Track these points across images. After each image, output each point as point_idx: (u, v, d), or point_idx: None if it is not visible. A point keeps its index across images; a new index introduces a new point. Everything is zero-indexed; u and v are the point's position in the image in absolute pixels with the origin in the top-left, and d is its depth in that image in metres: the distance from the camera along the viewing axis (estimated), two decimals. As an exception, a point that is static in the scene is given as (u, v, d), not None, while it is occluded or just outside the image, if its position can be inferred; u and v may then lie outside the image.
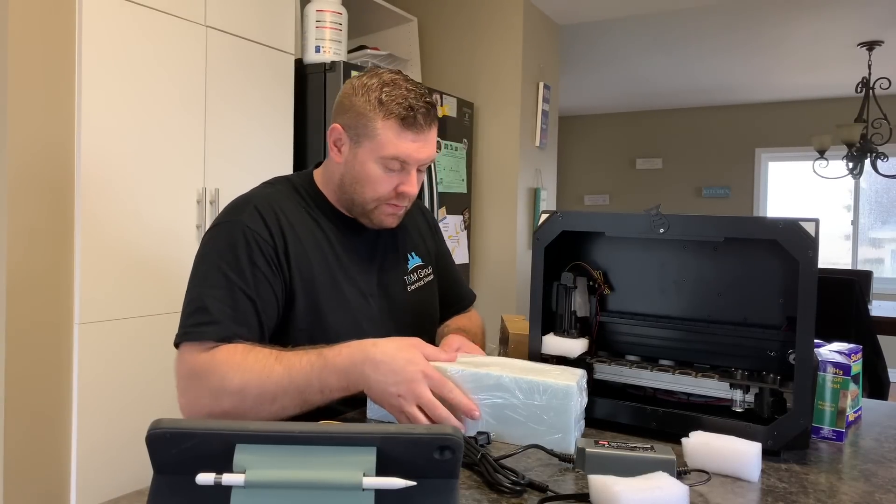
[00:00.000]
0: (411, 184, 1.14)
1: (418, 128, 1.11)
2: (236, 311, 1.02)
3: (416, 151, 1.12)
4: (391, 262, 1.26)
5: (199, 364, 0.98)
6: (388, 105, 1.09)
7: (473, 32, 3.56)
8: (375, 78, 1.12)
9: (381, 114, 1.09)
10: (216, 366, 0.97)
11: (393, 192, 1.14)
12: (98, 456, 1.88)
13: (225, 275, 1.04)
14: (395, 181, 1.13)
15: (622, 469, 0.79)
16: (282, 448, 0.56)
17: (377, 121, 1.09)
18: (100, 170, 1.87)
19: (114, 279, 1.91)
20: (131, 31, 1.95)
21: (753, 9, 3.67)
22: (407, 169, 1.13)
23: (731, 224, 1.00)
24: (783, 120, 6.08)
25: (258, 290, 1.05)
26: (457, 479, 0.58)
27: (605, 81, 5.49)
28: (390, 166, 1.12)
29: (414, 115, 1.09)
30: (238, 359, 0.97)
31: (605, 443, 0.85)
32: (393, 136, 1.10)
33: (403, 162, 1.12)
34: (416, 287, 1.28)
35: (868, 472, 0.91)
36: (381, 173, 1.12)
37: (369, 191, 1.14)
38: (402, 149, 1.10)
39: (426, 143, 1.13)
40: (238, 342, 1.00)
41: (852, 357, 1.06)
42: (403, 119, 1.09)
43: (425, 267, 1.32)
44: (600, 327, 1.17)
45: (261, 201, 1.13)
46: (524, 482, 0.80)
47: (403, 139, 1.10)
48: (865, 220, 5.96)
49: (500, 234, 3.53)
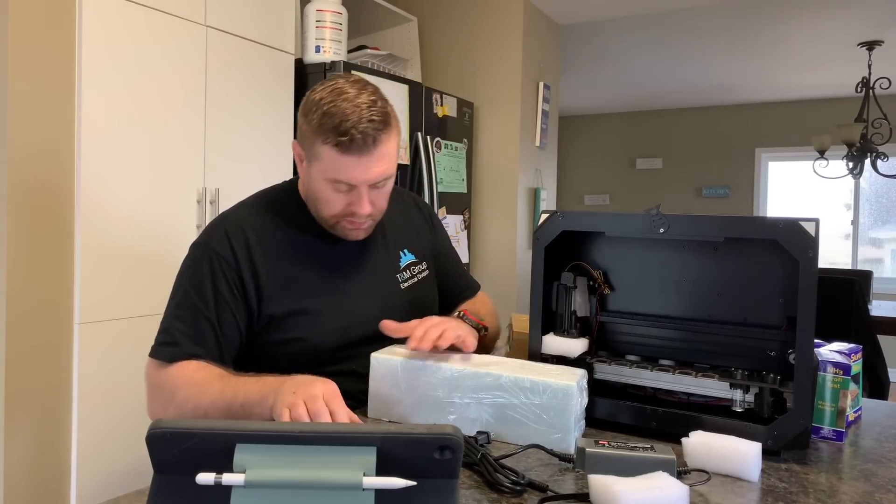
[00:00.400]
0: (361, 205, 1.11)
1: (359, 150, 1.06)
2: (196, 333, 1.10)
3: (361, 174, 1.08)
4: (382, 262, 1.26)
5: (156, 378, 1.10)
6: (325, 128, 1.06)
7: (473, 32, 3.56)
8: (322, 92, 1.09)
9: (321, 137, 1.07)
10: (168, 381, 1.08)
11: (346, 211, 1.13)
12: (98, 456, 1.88)
13: (189, 297, 1.12)
14: (345, 201, 1.12)
15: (622, 469, 0.79)
16: (282, 448, 0.56)
17: (318, 144, 1.08)
18: (100, 169, 1.87)
19: (114, 279, 1.91)
20: (131, 31, 1.95)
21: (753, 8, 3.67)
22: (356, 190, 1.10)
23: (731, 224, 1.00)
24: (783, 120, 6.08)
25: (218, 313, 1.11)
26: (457, 478, 0.58)
27: (605, 81, 5.48)
28: (338, 188, 1.10)
29: (350, 139, 1.04)
30: (186, 375, 1.07)
31: (605, 443, 0.85)
32: (333, 161, 1.07)
33: (349, 184, 1.09)
34: (410, 284, 1.28)
35: (868, 471, 0.91)
36: (331, 193, 1.11)
37: (324, 209, 1.14)
38: (343, 173, 1.07)
39: (372, 163, 1.08)
40: (194, 360, 1.08)
41: (852, 357, 1.06)
42: (338, 144, 1.05)
43: (419, 263, 1.32)
44: (600, 327, 1.17)
45: (232, 224, 1.17)
46: (524, 482, 0.80)
47: (344, 164, 1.07)
48: (865, 220, 5.96)
49: (500, 234, 3.53)
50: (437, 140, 3.11)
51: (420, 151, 2.94)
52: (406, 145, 2.88)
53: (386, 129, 1.08)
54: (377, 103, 1.08)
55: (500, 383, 0.98)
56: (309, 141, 1.09)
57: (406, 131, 2.88)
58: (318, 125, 1.06)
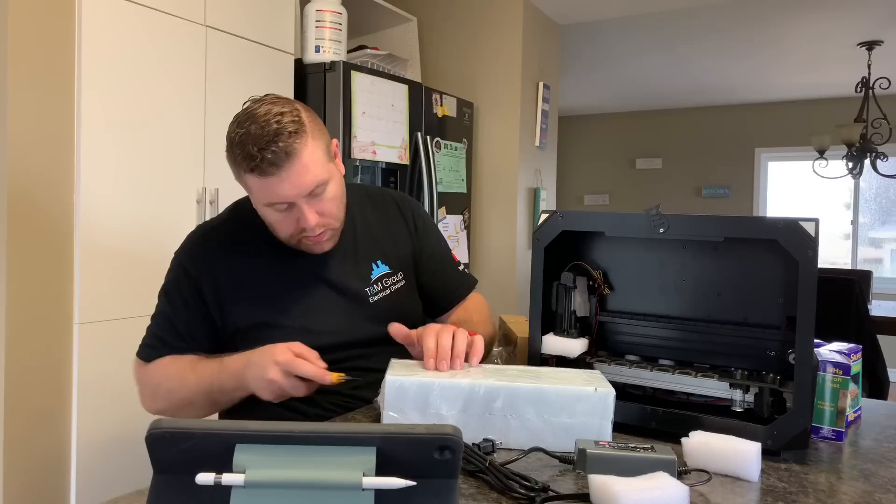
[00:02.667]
0: (306, 219, 1.10)
1: (274, 170, 1.05)
2: (170, 335, 1.19)
3: (290, 189, 1.07)
4: (350, 275, 1.24)
5: (140, 375, 1.22)
6: (240, 158, 1.06)
7: (473, 32, 3.56)
8: (233, 124, 1.10)
9: (242, 168, 1.08)
10: (150, 377, 1.19)
11: (298, 228, 1.13)
12: (98, 456, 1.88)
13: (162, 302, 1.22)
14: (292, 219, 1.12)
15: (623, 469, 0.79)
16: (281, 448, 0.56)
17: (242, 175, 1.09)
18: (99, 169, 1.87)
19: (114, 279, 1.91)
20: (131, 31, 1.95)
21: (753, 8, 3.67)
22: (295, 206, 1.10)
23: (731, 224, 1.00)
24: (783, 120, 6.08)
25: (187, 318, 1.19)
26: (456, 478, 0.58)
27: (605, 81, 5.48)
28: (278, 209, 1.10)
29: (261, 161, 1.04)
30: (163, 369, 1.17)
31: (606, 443, 0.85)
32: (257, 186, 1.08)
33: (285, 203, 1.09)
34: (381, 297, 1.25)
35: (868, 471, 0.91)
36: (275, 215, 1.12)
37: (278, 231, 1.15)
38: (273, 194, 1.08)
39: (295, 176, 1.06)
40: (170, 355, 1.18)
41: (852, 357, 1.06)
42: (254, 169, 1.05)
43: (393, 274, 1.28)
44: (600, 327, 1.17)
45: (200, 235, 1.25)
46: (538, 487, 0.78)
47: (266, 186, 1.07)
48: (865, 220, 5.96)
49: (500, 234, 3.53)
50: (436, 140, 3.11)
51: (420, 151, 2.94)
52: (406, 145, 2.88)
53: (299, 137, 1.06)
54: (285, 115, 1.07)
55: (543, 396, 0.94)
56: (237, 175, 1.12)
57: (406, 131, 2.88)
58: (234, 157, 1.08)
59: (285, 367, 1.01)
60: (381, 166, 2.76)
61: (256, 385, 1.04)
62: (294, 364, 1.01)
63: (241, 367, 1.06)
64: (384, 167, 2.78)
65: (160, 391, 1.18)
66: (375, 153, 2.70)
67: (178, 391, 1.14)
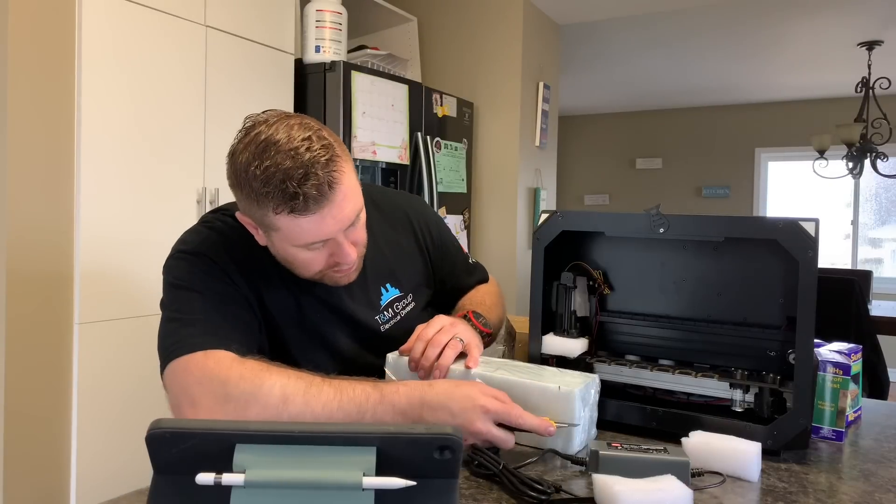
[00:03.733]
0: (344, 254, 0.97)
1: (317, 206, 0.90)
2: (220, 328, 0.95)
3: (332, 225, 0.93)
4: (361, 304, 1.13)
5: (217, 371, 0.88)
6: (270, 196, 0.89)
7: (473, 32, 3.56)
8: (246, 152, 0.91)
9: (270, 208, 0.90)
10: (246, 372, 0.88)
11: (331, 262, 0.99)
12: (98, 456, 1.88)
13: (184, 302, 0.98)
14: (324, 255, 0.98)
15: (635, 471, 0.78)
16: (281, 448, 0.56)
17: (270, 215, 0.91)
18: (100, 169, 1.87)
19: (114, 279, 1.91)
20: (131, 31, 1.95)
21: (753, 9, 3.67)
22: (332, 241, 0.96)
23: (731, 224, 1.00)
24: (783, 120, 6.08)
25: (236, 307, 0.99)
26: (457, 478, 0.58)
27: (605, 81, 5.48)
28: (312, 248, 0.96)
29: (304, 199, 0.89)
30: (275, 370, 0.89)
31: (618, 445, 0.84)
32: (294, 227, 0.92)
33: (323, 241, 0.96)
34: (393, 325, 1.16)
35: (868, 471, 0.91)
36: (307, 255, 0.97)
37: (304, 271, 1.01)
38: (312, 234, 0.93)
39: (337, 209, 0.92)
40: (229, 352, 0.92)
41: (852, 357, 1.06)
42: (294, 210, 0.90)
43: (403, 297, 1.19)
44: (600, 327, 1.17)
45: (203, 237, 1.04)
46: (550, 490, 0.77)
47: (307, 225, 0.91)
48: (865, 220, 5.96)
49: (500, 234, 3.53)
50: (436, 140, 3.11)
51: (420, 151, 2.94)
52: (406, 145, 2.88)
53: (336, 163, 0.92)
54: (313, 138, 0.91)
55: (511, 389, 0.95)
56: (257, 214, 0.93)
57: (406, 131, 2.88)
58: (260, 195, 0.89)
59: (500, 418, 0.87)
60: (382, 166, 2.76)
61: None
62: (511, 415, 0.87)
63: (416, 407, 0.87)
64: (384, 167, 2.78)
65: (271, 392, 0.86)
66: (375, 153, 2.70)
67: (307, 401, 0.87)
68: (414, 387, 0.90)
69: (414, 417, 0.87)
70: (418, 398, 0.88)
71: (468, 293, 1.34)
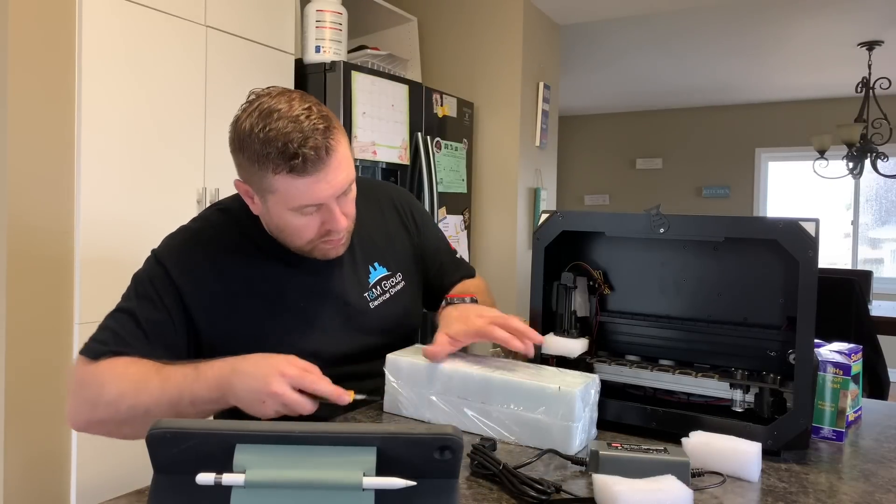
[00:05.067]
0: (336, 220, 1.04)
1: (314, 168, 0.97)
2: (130, 333, 1.04)
3: (325, 191, 1.00)
4: (350, 281, 1.17)
5: (83, 375, 1.02)
6: (270, 157, 0.97)
7: (473, 32, 3.56)
8: (250, 119, 1.00)
9: (269, 168, 0.97)
10: (96, 376, 1.00)
11: (322, 231, 1.06)
12: (98, 456, 1.88)
13: (129, 296, 1.09)
14: (318, 221, 1.04)
15: (635, 471, 0.78)
16: (282, 448, 0.56)
17: (269, 176, 0.98)
18: (100, 169, 1.87)
19: (114, 279, 1.91)
20: (131, 31, 1.95)
21: (753, 8, 3.67)
22: (325, 207, 1.03)
23: (731, 224, 1.00)
24: (783, 120, 6.08)
25: (156, 317, 1.06)
26: (457, 478, 0.58)
27: (605, 81, 5.48)
28: (305, 212, 1.02)
29: (303, 160, 0.96)
30: (119, 370, 0.99)
31: (618, 445, 0.84)
32: (291, 188, 0.99)
33: (316, 205, 1.02)
34: (381, 302, 1.20)
35: (868, 472, 0.91)
36: (300, 220, 1.03)
37: (297, 239, 1.07)
38: (307, 196, 1.00)
39: (331, 175, 1.00)
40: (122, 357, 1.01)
41: (852, 357, 1.06)
42: (293, 169, 0.97)
43: (392, 276, 1.23)
44: (600, 327, 1.17)
45: (184, 239, 1.12)
46: (550, 490, 0.77)
47: (304, 186, 0.99)
48: (865, 220, 5.96)
49: (500, 234, 3.53)
50: (437, 140, 3.11)
51: (420, 151, 2.94)
52: (406, 145, 2.88)
53: (334, 132, 1.00)
54: (313, 109, 1.00)
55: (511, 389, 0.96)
56: (256, 176, 1.01)
57: (406, 131, 2.88)
58: (261, 156, 0.97)
59: (296, 382, 0.91)
60: (382, 166, 2.76)
61: (250, 397, 0.91)
62: (305, 380, 0.91)
63: (226, 376, 0.93)
64: (384, 167, 2.78)
65: (104, 396, 0.98)
66: (376, 153, 2.70)
67: (133, 397, 0.96)
68: (229, 360, 0.95)
69: (226, 387, 0.92)
70: (229, 367, 0.93)
71: (457, 286, 1.34)
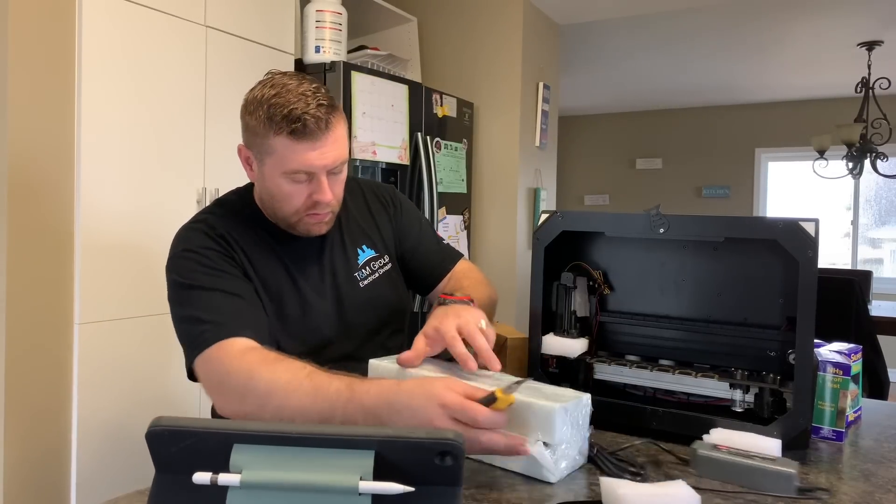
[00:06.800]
0: (323, 192, 1.10)
1: (312, 136, 1.06)
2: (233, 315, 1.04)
3: (317, 160, 1.07)
4: (340, 261, 1.24)
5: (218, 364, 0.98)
6: (275, 119, 1.05)
7: (473, 32, 3.55)
8: (264, 88, 1.09)
9: (272, 130, 1.06)
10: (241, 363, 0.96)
11: (308, 203, 1.12)
12: (98, 456, 1.88)
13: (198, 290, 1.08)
14: (305, 192, 1.11)
15: (734, 476, 0.78)
16: (279, 449, 0.56)
17: (270, 137, 1.07)
18: (100, 169, 1.87)
19: (114, 279, 1.91)
20: (131, 31, 1.94)
21: (753, 9, 3.67)
22: (315, 178, 1.10)
23: (731, 224, 0.99)
24: (783, 120, 6.08)
25: (243, 290, 1.09)
26: (459, 486, 0.57)
27: (605, 81, 5.48)
28: (296, 179, 1.09)
29: (303, 125, 1.04)
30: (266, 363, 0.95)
31: (725, 447, 0.85)
32: (289, 151, 1.06)
33: (308, 173, 1.09)
34: (371, 281, 1.26)
35: (868, 472, 0.91)
36: (290, 187, 1.10)
37: (285, 206, 1.13)
38: (301, 161, 1.07)
39: (326, 148, 1.08)
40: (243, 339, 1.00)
41: (852, 357, 1.06)
42: (293, 132, 1.05)
43: (380, 257, 1.29)
44: (600, 327, 1.17)
45: (206, 228, 1.15)
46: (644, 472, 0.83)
47: (300, 151, 1.06)
48: (865, 220, 5.96)
49: (500, 234, 3.53)
50: (436, 140, 3.11)
51: (420, 151, 2.94)
52: (406, 145, 2.88)
53: (335, 112, 1.09)
54: (320, 90, 1.09)
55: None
56: (259, 137, 1.09)
57: (406, 131, 2.88)
58: (268, 118, 1.06)
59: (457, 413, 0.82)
60: (381, 166, 2.76)
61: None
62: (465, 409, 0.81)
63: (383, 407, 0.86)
64: (384, 167, 2.78)
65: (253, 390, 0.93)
66: (375, 153, 2.70)
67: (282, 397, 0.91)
68: (384, 387, 0.88)
69: (382, 418, 0.86)
70: (385, 400, 0.86)
71: (445, 283, 1.35)
